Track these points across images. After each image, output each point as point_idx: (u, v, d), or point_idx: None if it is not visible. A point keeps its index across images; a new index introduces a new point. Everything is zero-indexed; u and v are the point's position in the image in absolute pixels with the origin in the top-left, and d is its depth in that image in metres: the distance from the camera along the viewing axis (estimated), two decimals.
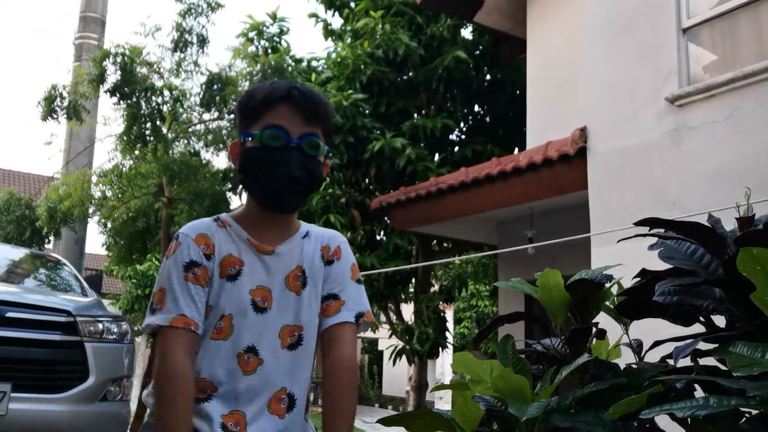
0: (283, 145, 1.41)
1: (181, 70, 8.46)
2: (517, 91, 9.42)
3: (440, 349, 8.87)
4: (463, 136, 10.03)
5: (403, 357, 8.95)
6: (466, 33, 9.97)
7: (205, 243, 1.44)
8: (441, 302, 9.34)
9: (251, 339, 1.41)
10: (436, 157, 9.47)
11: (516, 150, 9.17)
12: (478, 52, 9.57)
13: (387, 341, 9.47)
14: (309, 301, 1.49)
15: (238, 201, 8.89)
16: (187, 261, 1.41)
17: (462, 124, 10.09)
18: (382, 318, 10.17)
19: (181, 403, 1.31)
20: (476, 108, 10.14)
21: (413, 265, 8.80)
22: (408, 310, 9.84)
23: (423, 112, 9.63)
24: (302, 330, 1.47)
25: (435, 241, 9.38)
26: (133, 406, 6.50)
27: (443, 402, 16.31)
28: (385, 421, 1.59)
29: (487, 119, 10.11)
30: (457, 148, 9.69)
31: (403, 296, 9.79)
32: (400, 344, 9.01)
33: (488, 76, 9.90)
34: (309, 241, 1.54)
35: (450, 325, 15.26)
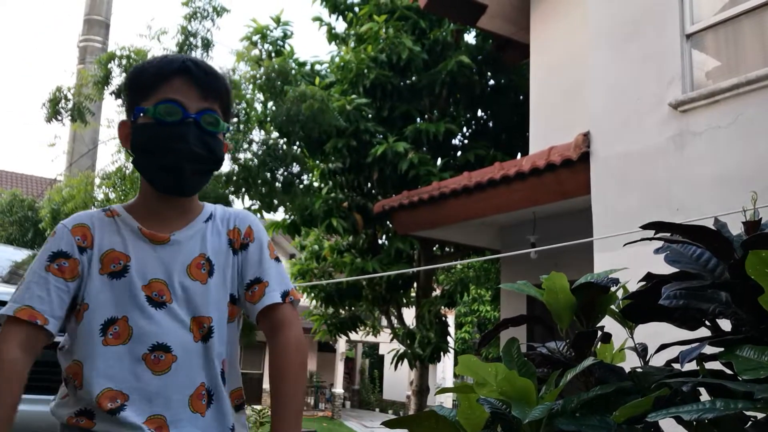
0: (180, 120, 1.31)
1: None
2: (520, 96, 9.43)
3: (441, 353, 8.86)
4: (465, 141, 10.04)
5: (404, 361, 8.94)
6: (470, 38, 9.99)
7: (82, 234, 1.34)
8: (443, 307, 9.33)
9: (157, 336, 1.30)
10: (439, 161, 9.47)
11: (519, 155, 9.18)
12: (481, 56, 9.59)
13: (388, 345, 9.45)
14: (217, 290, 1.38)
15: (239, 203, 8.91)
16: (54, 251, 1.31)
17: (465, 129, 10.10)
18: (384, 322, 10.16)
19: (3, 402, 1.21)
20: (479, 112, 10.15)
21: (415, 269, 8.80)
22: (409, 315, 9.83)
23: (426, 116, 9.65)
24: (211, 321, 1.36)
25: (437, 246, 9.37)
26: None
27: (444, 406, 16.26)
28: (390, 424, 1.59)
29: (490, 124, 10.12)
30: (459, 153, 9.70)
31: (404, 300, 9.78)
32: (402, 348, 9.01)
33: (491, 81, 9.91)
34: (213, 225, 1.43)
35: (451, 329, 15.25)
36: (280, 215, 9.68)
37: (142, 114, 1.33)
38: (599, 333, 1.59)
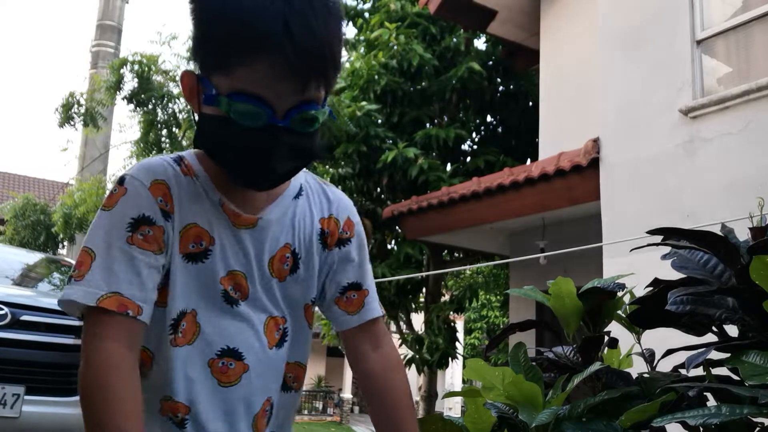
0: (265, 126, 0.93)
1: None
2: (530, 102, 9.43)
3: (450, 359, 8.85)
4: (475, 147, 10.05)
5: (413, 366, 8.94)
6: (480, 44, 10.01)
7: (162, 194, 1.00)
8: (451, 312, 9.33)
9: (226, 339, 1.05)
10: (449, 167, 9.49)
11: (528, 160, 9.17)
12: (491, 62, 9.61)
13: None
14: (295, 289, 1.13)
15: None
16: (135, 216, 0.97)
17: (474, 135, 10.12)
18: (392, 327, 10.17)
19: (122, 413, 0.89)
20: (489, 118, 10.16)
21: (424, 274, 8.80)
22: (418, 320, 9.83)
23: (436, 122, 9.67)
24: (286, 323, 1.12)
25: (446, 251, 9.38)
26: None
27: (452, 413, 16.24)
28: None
29: (500, 130, 10.13)
30: (469, 159, 9.71)
31: (413, 306, 9.78)
32: (410, 354, 9.00)
33: (501, 87, 9.92)
34: (303, 204, 1.13)
35: (460, 335, 15.20)
36: None
37: (211, 102, 0.95)
38: (606, 338, 1.60)
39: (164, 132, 8.22)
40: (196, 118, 1.02)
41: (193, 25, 0.98)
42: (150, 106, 8.02)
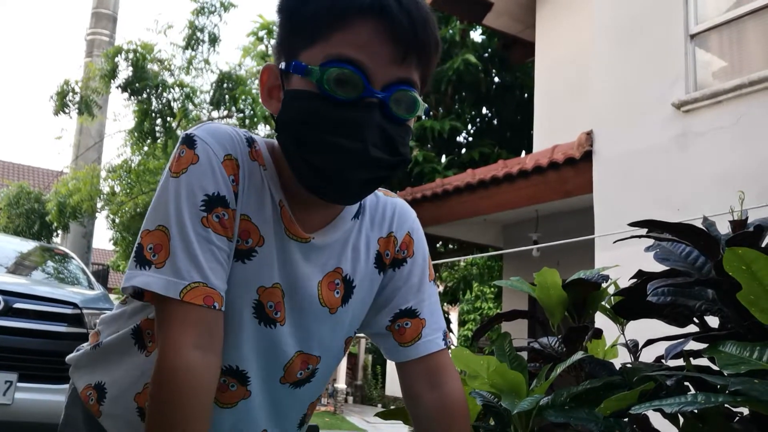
0: (359, 98, 0.82)
1: (191, 67, 8.55)
2: (525, 95, 9.44)
3: None
4: (470, 139, 10.07)
5: None
6: (476, 36, 10.01)
7: (233, 172, 0.87)
8: (446, 303, 9.37)
9: (240, 358, 0.92)
10: (444, 158, 9.50)
11: (523, 153, 9.20)
12: (487, 55, 9.61)
13: None
14: (344, 322, 0.99)
15: None
16: (210, 193, 0.84)
17: (470, 127, 10.13)
18: None
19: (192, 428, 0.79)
20: (484, 110, 10.18)
21: None
22: None
23: (431, 113, 9.68)
24: (319, 362, 0.99)
25: (440, 243, 9.40)
26: None
27: None
28: (383, 415, 1.62)
29: (495, 122, 10.14)
30: (464, 150, 9.73)
31: None
32: None
33: (497, 79, 9.93)
34: (362, 226, 1.00)
35: (454, 326, 15.23)
36: None
37: (302, 74, 0.84)
38: (591, 329, 1.62)
39: (158, 121, 8.21)
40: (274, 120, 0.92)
41: (282, 10, 0.89)
42: (144, 95, 8.01)
